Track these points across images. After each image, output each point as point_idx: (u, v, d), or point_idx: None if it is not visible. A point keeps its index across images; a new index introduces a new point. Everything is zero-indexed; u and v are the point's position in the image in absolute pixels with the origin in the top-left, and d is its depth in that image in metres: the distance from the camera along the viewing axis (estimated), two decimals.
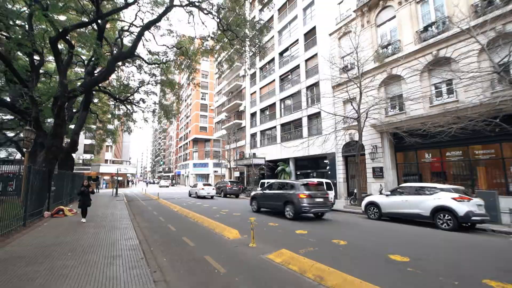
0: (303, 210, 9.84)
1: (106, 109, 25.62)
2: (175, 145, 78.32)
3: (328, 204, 10.87)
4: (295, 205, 9.99)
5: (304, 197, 9.92)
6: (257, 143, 30.26)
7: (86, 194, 8.91)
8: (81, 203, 8.88)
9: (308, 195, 10.05)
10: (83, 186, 9.06)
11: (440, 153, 13.83)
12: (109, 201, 17.12)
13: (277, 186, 11.93)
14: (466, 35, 12.49)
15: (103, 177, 44.02)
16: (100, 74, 11.46)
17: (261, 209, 12.62)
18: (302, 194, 10.04)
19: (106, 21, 13.55)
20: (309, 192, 10.22)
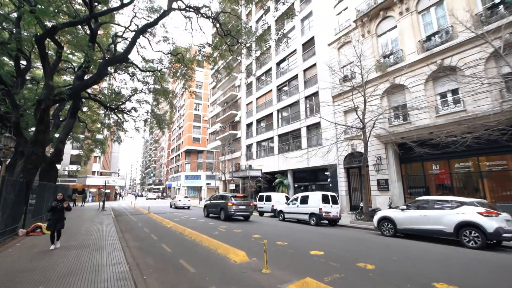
0: (229, 214, 14.07)
1: (95, 118, 24.42)
2: (167, 157, 76.50)
3: (249, 210, 14.78)
4: (225, 210, 14.21)
5: (232, 205, 14.17)
6: (253, 155, 29.42)
7: (58, 211, 6.80)
8: (51, 223, 6.62)
9: (234, 203, 14.27)
10: (56, 200, 6.90)
11: (448, 164, 13.32)
12: (95, 216, 15.75)
13: (218, 197, 16.43)
14: (471, 44, 12.37)
15: (89, 190, 41.92)
16: (90, 78, 10.57)
17: (209, 214, 16.71)
18: (230, 203, 14.27)
19: (99, 25, 12.81)
20: (236, 201, 14.43)
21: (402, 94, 15.23)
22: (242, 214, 14.49)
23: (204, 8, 13.23)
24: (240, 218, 15.03)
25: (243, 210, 14.44)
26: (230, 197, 14.81)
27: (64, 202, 6.93)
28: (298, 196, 14.01)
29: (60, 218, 6.83)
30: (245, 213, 14.56)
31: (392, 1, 15.79)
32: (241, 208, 14.39)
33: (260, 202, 18.37)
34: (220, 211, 14.83)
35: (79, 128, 23.86)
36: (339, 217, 12.76)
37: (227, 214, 14.08)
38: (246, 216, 14.81)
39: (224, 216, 14.28)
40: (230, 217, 14.29)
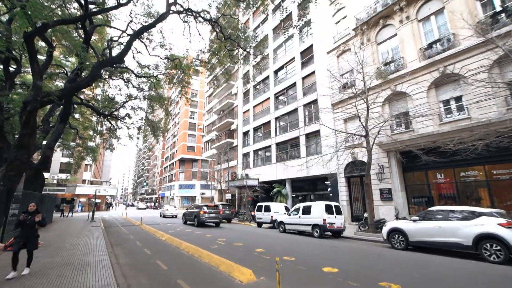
0: (201, 221, 16.29)
1: (87, 125, 23.59)
2: (160, 165, 75.09)
3: (219, 217, 17.18)
4: (198, 218, 16.45)
5: (204, 213, 16.42)
6: (250, 163, 28.78)
7: (28, 227, 5.39)
8: (19, 242, 5.21)
9: (206, 211, 16.52)
10: (25, 212, 5.58)
11: (453, 173, 12.96)
12: (83, 227, 14.77)
13: (194, 207, 19.06)
14: (474, 51, 12.26)
15: (79, 199, 40.37)
16: (83, 79, 9.97)
17: (187, 222, 18.59)
18: (202, 211, 16.50)
19: (94, 27, 12.31)
20: (207, 210, 16.66)
21: (404, 102, 14.99)
22: (213, 221, 16.86)
23: (204, 12, 12.92)
24: (212, 224, 17.34)
25: (213, 218, 16.79)
26: (203, 206, 17.32)
27: (37, 215, 5.51)
28: (299, 206, 13.39)
29: (31, 236, 5.39)
30: (215, 220, 16.99)
31: (392, 9, 15.79)
32: (212, 216, 16.72)
33: (259, 213, 17.65)
34: (194, 219, 17.03)
35: (70, 135, 22.98)
36: (343, 229, 12.17)
37: (199, 221, 16.38)
38: (217, 223, 17.19)
39: (197, 223, 16.54)
40: (202, 224, 16.61)
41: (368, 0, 17.71)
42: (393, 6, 15.65)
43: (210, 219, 16.54)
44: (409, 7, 15.16)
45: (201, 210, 16.54)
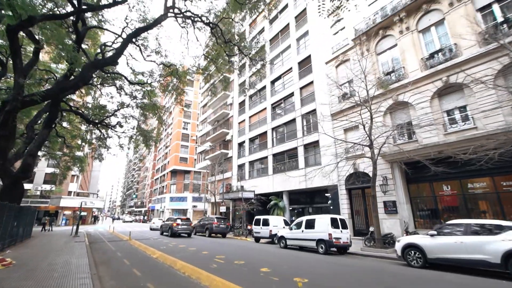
0: (174, 231, 18.79)
1: (76, 134, 22.39)
2: (151, 177, 72.97)
3: (190, 229, 19.68)
4: (172, 229, 18.87)
5: (176, 225, 18.97)
6: (246, 175, 27.89)
7: None
8: None
9: (178, 223, 19.12)
10: None
11: (461, 185, 12.51)
12: (66, 243, 13.47)
13: (169, 220, 21.81)
14: (478, 61, 12.13)
15: (63, 212, 38.22)
16: (71, 80, 9.19)
17: (164, 233, 20.70)
18: (175, 223, 19.07)
19: (87, 29, 11.68)
20: (180, 222, 19.28)
21: (406, 112, 14.70)
22: (184, 232, 19.38)
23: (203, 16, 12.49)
24: (184, 235, 19.62)
25: (185, 229, 19.37)
26: (176, 219, 20.00)
27: None
28: (302, 220, 12.57)
29: None
30: (187, 231, 19.52)
31: (391, 20, 15.80)
32: (183, 227, 19.31)
33: (256, 227, 16.67)
34: (169, 230, 19.41)
35: (57, 144, 21.73)
36: (350, 244, 11.37)
37: (172, 231, 18.91)
38: (188, 234, 19.69)
39: (171, 233, 19.07)
40: (175, 234, 19.03)
41: (367, 12, 17.79)
42: (393, 17, 15.66)
43: (182, 230, 19.18)
44: (409, 18, 15.19)
45: (175, 222, 19.31)
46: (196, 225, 22.65)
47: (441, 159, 11.51)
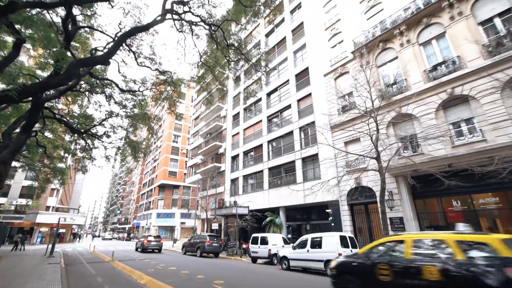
0: (145, 247, 21.87)
1: (59, 143, 20.78)
2: (137, 192, 69.90)
3: (159, 245, 22.61)
4: (143, 246, 21.96)
5: (146, 242, 22.10)
6: (239, 190, 26.67)
7: None
8: None
9: (149, 240, 22.38)
10: None
11: (471, 200, 11.93)
12: (37, 265, 11.77)
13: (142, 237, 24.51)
14: (483, 73, 11.95)
15: (39, 229, 35.28)
16: (54, 77, 8.16)
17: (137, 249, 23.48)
18: (146, 240, 22.34)
19: (77, 28, 10.78)
20: (149, 239, 22.43)
21: (410, 124, 14.31)
22: (154, 248, 22.32)
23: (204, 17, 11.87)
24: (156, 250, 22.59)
25: (155, 246, 22.31)
26: (147, 236, 23.76)
27: None
28: (307, 238, 11.52)
29: None
30: (156, 247, 22.41)
31: (391, 33, 15.77)
32: (153, 244, 22.30)
33: (254, 246, 15.39)
34: (141, 246, 22.24)
35: (37, 154, 20.06)
36: None
37: (143, 247, 21.90)
38: (158, 249, 22.65)
39: (142, 249, 22.09)
40: (145, 250, 22.07)
41: (366, 25, 17.85)
42: (393, 30, 15.65)
43: (152, 246, 22.15)
44: (409, 31, 15.18)
45: (146, 239, 22.41)
46: (186, 244, 21.03)
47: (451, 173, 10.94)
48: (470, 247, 4.90)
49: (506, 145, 10.36)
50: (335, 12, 20.62)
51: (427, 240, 5.68)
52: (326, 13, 21.47)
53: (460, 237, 5.14)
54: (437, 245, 5.39)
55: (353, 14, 19.03)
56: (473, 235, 5.25)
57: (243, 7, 10.52)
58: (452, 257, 4.93)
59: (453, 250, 4.98)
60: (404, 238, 5.94)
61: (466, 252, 4.82)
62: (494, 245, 4.62)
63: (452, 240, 5.12)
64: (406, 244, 5.72)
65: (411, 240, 5.74)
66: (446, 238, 5.27)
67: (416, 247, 5.60)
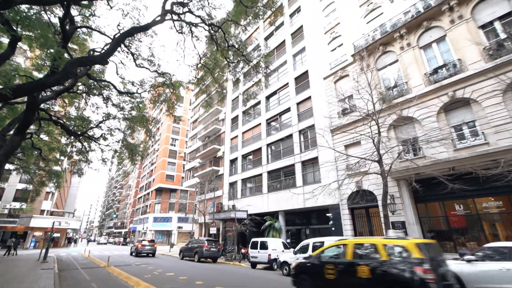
0: (139, 252, 22.33)
1: (55, 146, 20.40)
2: (134, 196, 69.14)
3: (153, 249, 23.12)
4: (137, 250, 22.52)
5: (140, 246, 22.69)
6: (238, 194, 26.37)
7: None
8: None
9: (143, 245, 22.91)
10: None
11: (474, 204, 11.78)
12: (30, 271, 11.38)
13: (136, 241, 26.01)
14: (484, 76, 11.90)
15: (33, 233, 34.59)
16: (51, 76, 7.93)
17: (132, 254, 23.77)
18: (140, 245, 22.92)
19: (74, 28, 10.60)
20: (143, 244, 23.01)
21: (411, 127, 14.21)
22: (148, 252, 22.81)
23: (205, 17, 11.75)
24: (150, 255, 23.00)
25: (149, 250, 22.88)
26: (142, 240, 24.05)
27: None
28: (308, 243, 11.30)
29: None
30: (150, 251, 22.94)
31: (392, 37, 15.77)
32: (147, 248, 22.87)
33: (253, 251, 15.07)
34: (135, 250, 22.83)
35: (32, 157, 19.69)
36: None
37: (137, 251, 22.47)
38: (152, 253, 23.08)
39: (136, 253, 22.56)
40: (139, 254, 22.46)
41: (366, 28, 17.86)
42: (393, 34, 15.64)
43: (145, 251, 22.67)
44: (410, 35, 15.18)
45: (140, 244, 23.02)
46: (184, 248, 20.64)
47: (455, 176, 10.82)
48: (393, 250, 5.91)
49: (509, 148, 10.27)
50: (335, 15, 20.67)
51: (364, 244, 6.71)
52: (325, 16, 21.52)
53: (386, 241, 6.20)
54: (370, 248, 6.42)
55: (352, 18, 19.07)
56: (395, 239, 6.20)
57: (244, 8, 10.41)
58: (379, 258, 5.99)
59: (380, 252, 6.03)
60: (347, 242, 6.96)
61: (389, 254, 5.89)
62: (409, 248, 5.68)
63: (380, 244, 6.17)
64: (348, 247, 6.72)
65: (352, 244, 6.77)
66: (376, 242, 6.33)
67: (355, 249, 6.62)
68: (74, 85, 12.72)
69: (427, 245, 5.95)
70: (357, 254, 6.48)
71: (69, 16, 9.85)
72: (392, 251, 5.89)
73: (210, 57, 14.09)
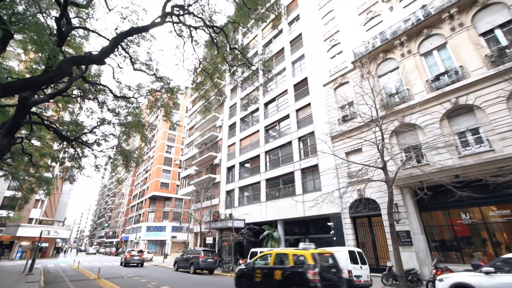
0: (127, 262, 22.68)
1: (46, 152, 19.65)
2: (127, 204, 67.50)
3: (141, 260, 23.46)
4: (126, 260, 22.83)
5: (129, 256, 22.99)
6: (235, 202, 25.73)
7: None
8: None
9: (131, 255, 23.15)
10: None
11: (481, 212, 11.47)
12: (12, 284, 10.57)
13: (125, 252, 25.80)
14: (487, 83, 11.84)
15: (20, 243, 33.13)
16: (45, 74, 7.50)
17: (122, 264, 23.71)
18: (129, 255, 23.19)
19: (71, 29, 10.26)
20: (131, 254, 23.27)
21: (413, 134, 14.01)
22: (136, 262, 23.16)
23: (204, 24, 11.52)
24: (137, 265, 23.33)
25: (137, 260, 23.17)
26: (130, 251, 24.38)
27: None
28: None
29: None
30: (138, 261, 23.28)
31: (392, 44, 15.78)
32: (136, 258, 23.11)
33: None
34: (124, 260, 23.18)
35: (22, 162, 18.91)
36: (371, 283, 9.62)
37: (126, 262, 22.79)
38: (140, 263, 23.41)
39: (125, 263, 22.84)
40: (128, 264, 22.80)
41: (365, 36, 17.91)
42: (393, 41, 15.65)
43: (134, 261, 23.09)
44: (410, 42, 15.20)
45: (129, 254, 23.32)
46: (179, 259, 19.81)
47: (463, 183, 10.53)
48: (297, 258, 7.90)
49: None
50: (334, 24, 20.77)
51: (281, 253, 8.82)
52: (324, 24, 21.62)
53: (294, 252, 8.25)
54: (284, 257, 8.50)
55: (352, 26, 19.16)
56: (300, 251, 8.16)
57: (247, 11, 10.22)
58: (288, 264, 8.04)
59: (290, 260, 8.07)
60: (271, 253, 9.06)
61: (295, 261, 7.92)
62: (306, 257, 7.64)
63: (291, 254, 8.24)
64: (272, 256, 8.82)
65: (274, 254, 8.90)
66: (288, 252, 8.41)
67: (276, 258, 8.70)
68: (68, 88, 12.25)
69: (320, 255, 7.85)
70: (276, 261, 8.53)
71: (65, 15, 9.51)
72: (297, 259, 7.87)
73: (209, 62, 13.84)
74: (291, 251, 8.28)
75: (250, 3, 10.12)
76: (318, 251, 8.09)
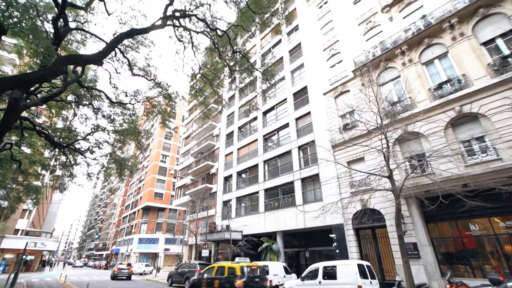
0: (115, 275, 23.79)
1: (36, 159, 18.81)
2: (119, 215, 65.51)
3: (129, 273, 24.41)
4: (113, 274, 23.91)
5: (117, 270, 24.13)
6: (232, 213, 24.95)
7: None
8: None
9: (119, 268, 24.30)
10: None
11: (491, 223, 11.09)
12: None
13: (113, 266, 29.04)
14: (491, 91, 11.74)
15: (3, 256, 31.40)
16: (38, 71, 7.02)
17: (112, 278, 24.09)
18: (116, 268, 24.39)
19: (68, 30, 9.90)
20: (119, 267, 24.42)
21: (417, 142, 13.76)
22: (124, 275, 24.09)
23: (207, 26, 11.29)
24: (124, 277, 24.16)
25: (125, 273, 24.14)
26: (118, 264, 25.78)
27: None
28: (317, 268, 10.14)
29: None
30: (125, 275, 24.16)
31: (393, 53, 15.76)
32: (123, 272, 24.16)
33: None
34: (112, 273, 24.09)
35: (11, 170, 18.03)
36: None
37: (114, 275, 23.70)
38: (127, 277, 24.28)
39: (112, 276, 23.71)
40: (115, 277, 23.66)
41: (365, 46, 17.96)
42: (394, 50, 15.65)
43: (122, 274, 23.96)
44: (411, 51, 15.20)
45: (117, 267, 24.38)
46: (173, 273, 18.82)
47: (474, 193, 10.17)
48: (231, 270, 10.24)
49: None
50: (333, 33, 20.90)
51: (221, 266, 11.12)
52: (324, 34, 21.76)
53: (229, 264, 10.73)
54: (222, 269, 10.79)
55: (351, 36, 19.25)
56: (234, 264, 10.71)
57: (251, 14, 10.04)
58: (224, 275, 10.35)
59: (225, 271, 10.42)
60: (214, 265, 11.72)
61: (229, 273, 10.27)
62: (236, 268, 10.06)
63: (227, 266, 10.68)
64: (214, 269, 11.36)
65: (216, 266, 11.37)
66: (225, 265, 10.85)
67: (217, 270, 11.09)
68: (62, 92, 11.75)
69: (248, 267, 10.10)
70: (217, 273, 10.80)
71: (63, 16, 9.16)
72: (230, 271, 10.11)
73: (210, 68, 13.59)
74: (227, 264, 10.76)
75: (255, 7, 9.95)
76: (248, 264, 10.43)
